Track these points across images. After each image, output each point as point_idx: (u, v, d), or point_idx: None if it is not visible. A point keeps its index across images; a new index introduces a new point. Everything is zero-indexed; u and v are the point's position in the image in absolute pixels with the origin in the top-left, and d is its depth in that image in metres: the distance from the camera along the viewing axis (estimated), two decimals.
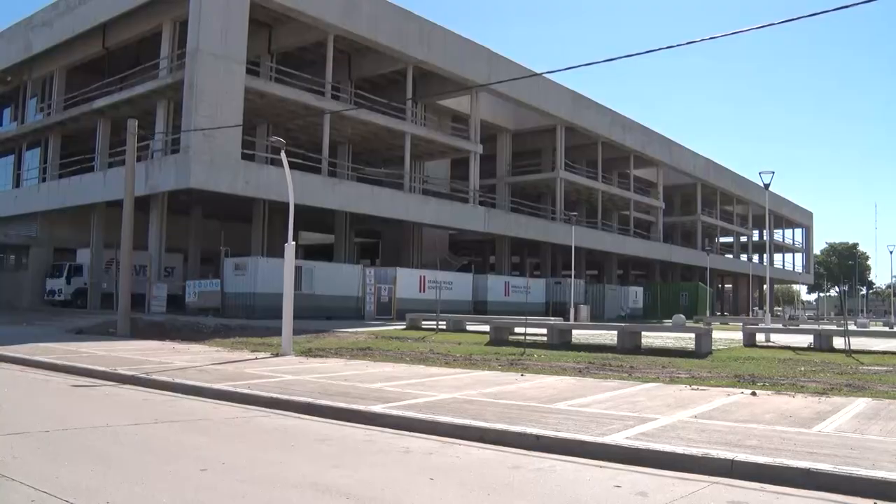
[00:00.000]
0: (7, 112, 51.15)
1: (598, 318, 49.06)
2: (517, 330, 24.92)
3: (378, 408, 9.67)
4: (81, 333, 24.77)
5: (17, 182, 47.66)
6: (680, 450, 7.16)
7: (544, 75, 43.96)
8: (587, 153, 61.35)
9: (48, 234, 44.13)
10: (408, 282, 40.00)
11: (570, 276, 47.05)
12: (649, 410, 9.80)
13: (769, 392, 11.85)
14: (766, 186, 32.46)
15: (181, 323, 27.35)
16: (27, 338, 21.70)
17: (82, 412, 10.05)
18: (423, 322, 31.05)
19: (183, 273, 42.36)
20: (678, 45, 13.88)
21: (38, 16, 42.75)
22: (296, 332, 19.10)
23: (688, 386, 12.58)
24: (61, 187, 41.43)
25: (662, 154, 68.89)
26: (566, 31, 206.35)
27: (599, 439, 7.74)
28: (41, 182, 44.28)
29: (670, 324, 35.76)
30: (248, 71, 34.71)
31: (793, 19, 12.09)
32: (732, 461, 6.79)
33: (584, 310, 43.33)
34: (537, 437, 8.00)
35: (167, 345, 20.77)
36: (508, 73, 43.38)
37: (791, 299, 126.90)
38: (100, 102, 38.59)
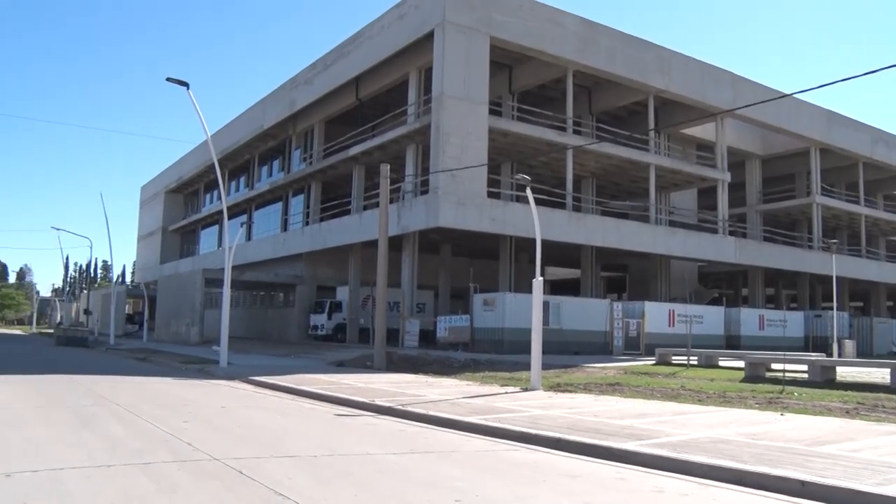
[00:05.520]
0: (276, 163, 56.47)
1: (865, 354, 44.96)
2: (774, 366, 23.50)
3: (630, 445, 9.35)
4: (342, 366, 26.29)
5: (285, 226, 52.23)
6: None
7: (794, 96, 41.46)
8: (846, 175, 57.02)
9: (311, 274, 47.75)
10: (656, 316, 38.85)
11: (831, 309, 43.61)
12: None
13: None
14: None
15: (432, 357, 28.17)
16: (295, 369, 23.44)
17: (344, 440, 10.57)
18: (673, 357, 30.13)
19: (434, 309, 43.95)
20: None
21: (300, 76, 46.85)
22: (544, 366, 19.05)
23: None
24: (322, 230, 44.74)
25: None
26: (812, 46, 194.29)
27: (876, 490, 6.87)
28: (304, 226, 48.16)
29: None
30: (491, 111, 35.64)
31: None
32: None
33: (850, 345, 39.94)
34: (802, 482, 7.32)
35: (420, 378, 21.46)
36: (754, 97, 41.28)
37: None
38: (354, 150, 41.40)
